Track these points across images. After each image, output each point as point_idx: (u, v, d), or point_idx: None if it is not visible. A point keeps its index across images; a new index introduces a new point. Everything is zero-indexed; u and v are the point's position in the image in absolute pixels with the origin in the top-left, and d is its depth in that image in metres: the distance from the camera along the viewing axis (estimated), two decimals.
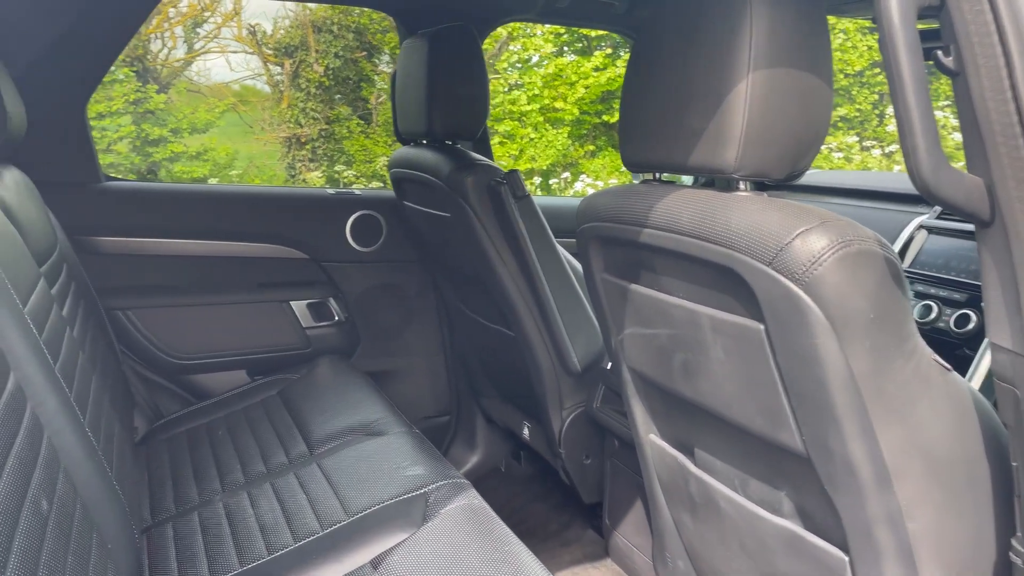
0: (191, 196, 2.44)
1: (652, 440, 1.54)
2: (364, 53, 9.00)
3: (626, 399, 1.57)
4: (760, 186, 1.17)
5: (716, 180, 1.19)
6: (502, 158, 8.35)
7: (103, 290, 2.28)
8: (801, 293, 0.97)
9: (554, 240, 2.01)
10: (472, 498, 1.56)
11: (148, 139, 8.10)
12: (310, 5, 8.72)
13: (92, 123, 7.66)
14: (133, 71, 8.22)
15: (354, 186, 7.93)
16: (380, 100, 8.81)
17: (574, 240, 2.67)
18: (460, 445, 2.81)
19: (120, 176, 2.33)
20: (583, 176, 7.86)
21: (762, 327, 1.07)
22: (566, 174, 8.19)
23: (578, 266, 2.17)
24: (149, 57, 8.77)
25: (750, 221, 1.05)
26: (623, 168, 8.46)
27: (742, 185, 1.14)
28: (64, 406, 1.26)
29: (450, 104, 2.02)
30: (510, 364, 2.28)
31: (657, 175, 1.31)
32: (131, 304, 2.34)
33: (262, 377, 2.45)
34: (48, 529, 1.02)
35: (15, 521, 0.94)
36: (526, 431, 2.41)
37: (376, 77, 9.05)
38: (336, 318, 2.58)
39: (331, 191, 2.61)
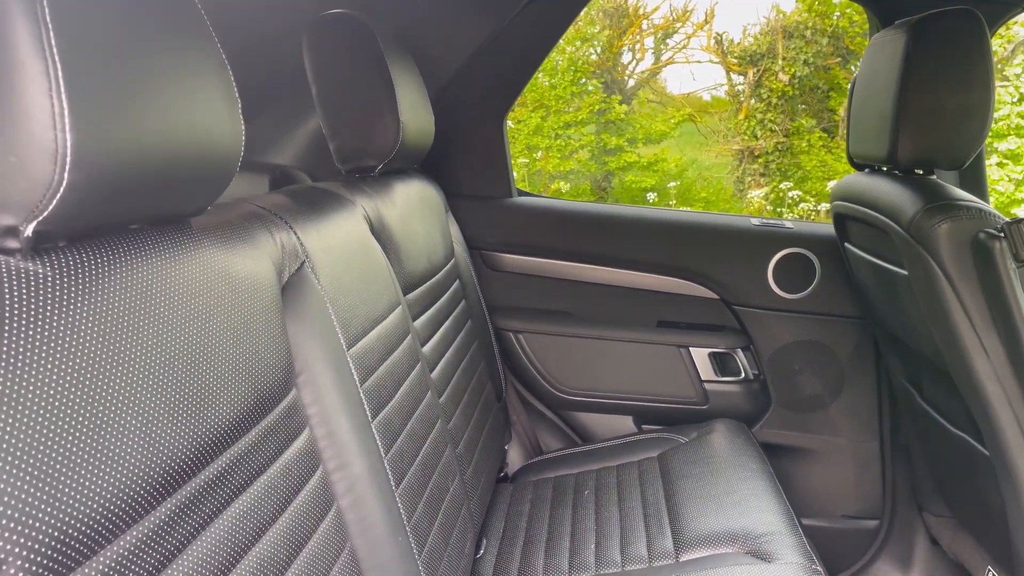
0: (599, 218, 2.21)
1: None
2: (838, 59, 8.16)
3: None
4: None
5: None
6: (999, 182, 6.84)
7: (497, 309, 2.18)
8: None
9: None
10: None
11: (606, 148, 8.42)
12: (784, 9, 8.17)
13: (559, 131, 8.24)
14: (601, 82, 8.61)
15: (802, 205, 7.22)
16: None
17: None
18: (889, 563, 2.14)
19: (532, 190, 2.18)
20: None
21: None
22: None
23: None
24: (618, 68, 9.12)
25: None
26: None
27: None
28: (372, 471, 1.07)
29: (929, 119, 1.43)
30: (977, 489, 1.60)
31: None
32: (523, 327, 2.20)
33: (650, 428, 2.14)
34: None
35: None
36: None
37: (850, 85, 8.13)
38: (743, 375, 2.13)
39: (755, 221, 2.16)
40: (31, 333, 0.58)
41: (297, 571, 0.86)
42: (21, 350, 0.57)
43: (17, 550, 0.53)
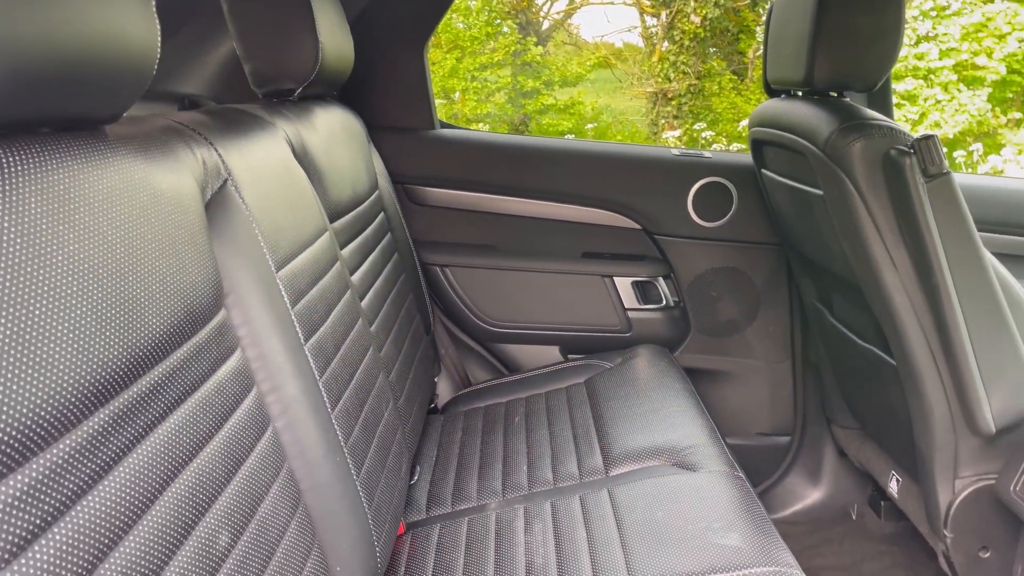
0: (522, 150, 2.20)
1: None
2: (748, 2, 8.28)
3: None
4: None
5: None
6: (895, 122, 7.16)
7: (423, 243, 2.16)
8: None
9: (979, 241, 1.39)
10: None
11: (523, 91, 8.37)
12: None
13: (475, 74, 8.12)
14: (516, 23, 8.50)
15: (714, 146, 7.38)
16: (758, 53, 8.06)
17: (1006, 236, 1.97)
18: (800, 475, 2.27)
19: (450, 129, 2.16)
20: (1005, 149, 6.38)
21: None
22: (978, 145, 6.75)
23: (1010, 280, 1.51)
24: (533, 9, 9.02)
25: None
26: None
27: None
28: (307, 392, 1.06)
29: (845, 40, 1.47)
30: (883, 398, 1.70)
31: None
32: (449, 261, 2.19)
33: (575, 357, 2.17)
34: (232, 557, 0.80)
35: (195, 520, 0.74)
36: (894, 485, 1.82)
37: (758, 28, 8.29)
38: (664, 302, 2.19)
39: (675, 151, 2.20)
40: None
41: (236, 488, 0.85)
42: None
43: None
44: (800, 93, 1.69)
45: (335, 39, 1.57)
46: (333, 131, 1.62)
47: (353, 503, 1.11)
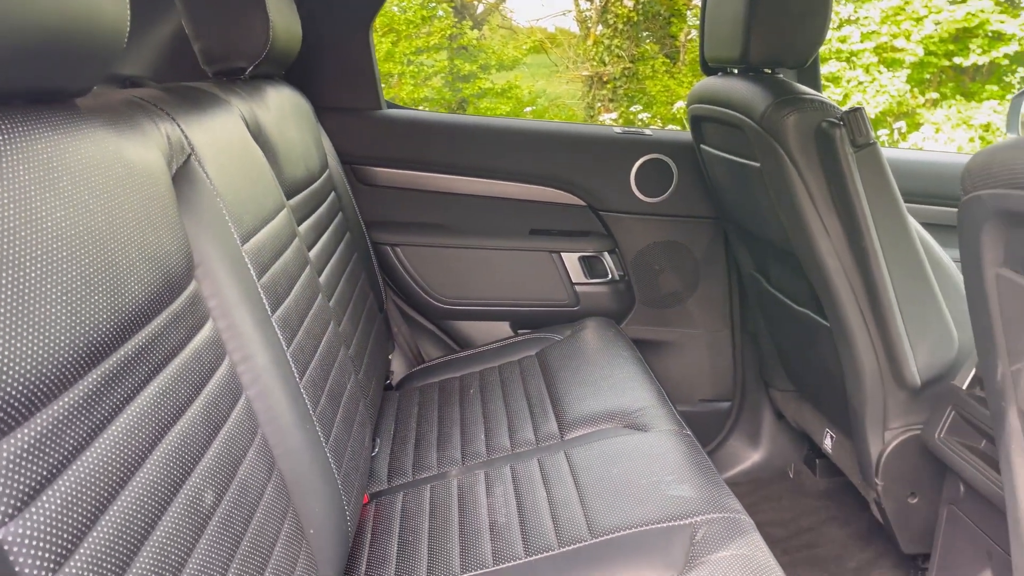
0: (469, 129, 2.24)
1: None
2: None
3: (1005, 451, 1.07)
4: None
5: None
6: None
7: (373, 223, 2.18)
8: None
9: (903, 207, 1.49)
10: (754, 545, 1.17)
11: (459, 74, 8.36)
12: None
13: (411, 58, 8.07)
14: (451, 6, 8.47)
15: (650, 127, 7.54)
16: (689, 37, 8.23)
17: (931, 206, 2.09)
18: (740, 438, 2.38)
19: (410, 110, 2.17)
20: (923, 127, 6.68)
21: None
22: (900, 124, 7.04)
23: (933, 244, 1.62)
24: None
25: None
26: (973, 121, 7.07)
27: None
28: (276, 363, 1.08)
29: (778, 18, 1.55)
30: (818, 359, 1.80)
31: None
32: (400, 240, 2.21)
33: (525, 332, 2.23)
34: (217, 516, 0.83)
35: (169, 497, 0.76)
36: (828, 442, 1.93)
37: (689, 12, 8.45)
38: (610, 276, 2.26)
39: (618, 130, 2.26)
40: None
41: (216, 451, 0.87)
42: None
43: None
44: (736, 70, 1.77)
45: (284, 18, 1.57)
46: (284, 110, 1.63)
47: (324, 469, 1.15)
